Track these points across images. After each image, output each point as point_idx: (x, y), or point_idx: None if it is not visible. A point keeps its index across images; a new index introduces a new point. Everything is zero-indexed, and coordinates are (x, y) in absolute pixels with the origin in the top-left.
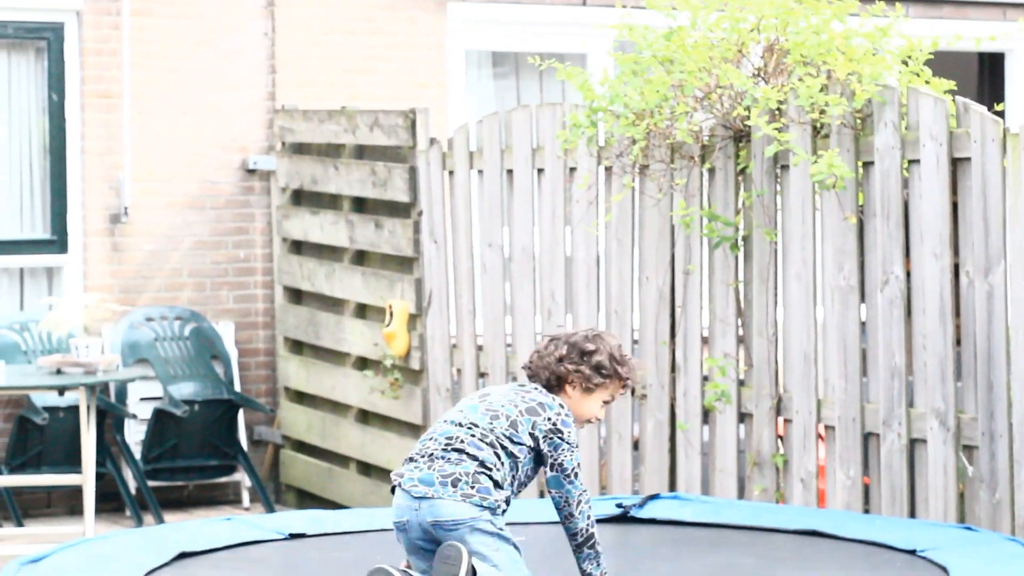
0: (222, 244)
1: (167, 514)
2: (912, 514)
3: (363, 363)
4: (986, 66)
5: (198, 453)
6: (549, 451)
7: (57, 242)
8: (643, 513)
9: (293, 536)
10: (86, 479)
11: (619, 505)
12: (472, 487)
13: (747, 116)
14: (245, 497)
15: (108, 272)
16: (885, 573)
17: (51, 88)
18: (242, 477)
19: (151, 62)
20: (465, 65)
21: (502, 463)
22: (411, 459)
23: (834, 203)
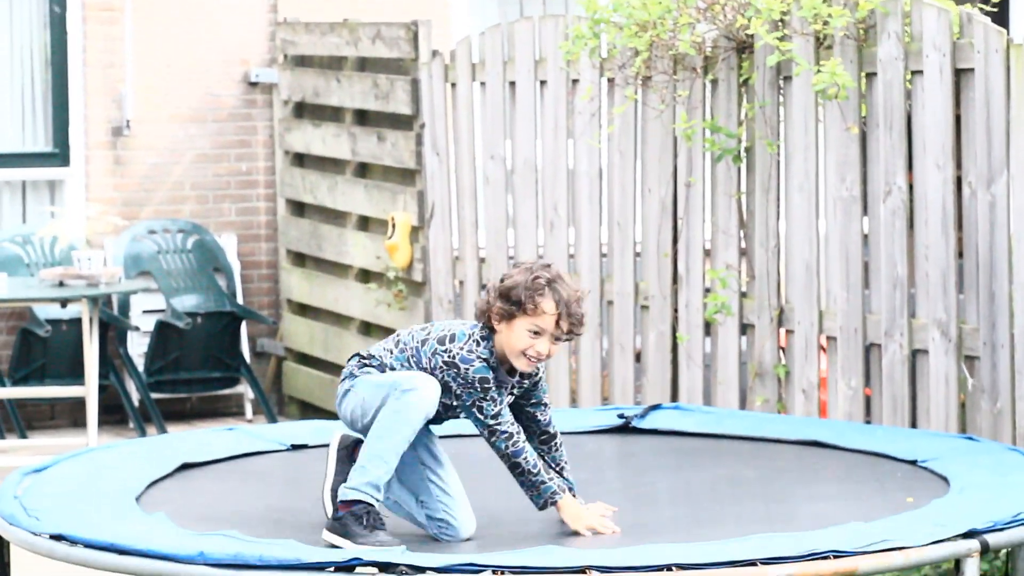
0: (224, 157)
1: (170, 426)
2: (913, 425)
3: (365, 275)
4: None
5: (201, 365)
6: (450, 383)
7: (59, 155)
8: (645, 423)
9: (295, 447)
10: (89, 391)
11: (621, 415)
12: (358, 368)
13: (749, 27)
14: (248, 409)
15: (110, 185)
16: (887, 483)
17: (52, 1)
18: (245, 389)
19: None
20: None
21: (404, 367)
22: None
23: (837, 114)
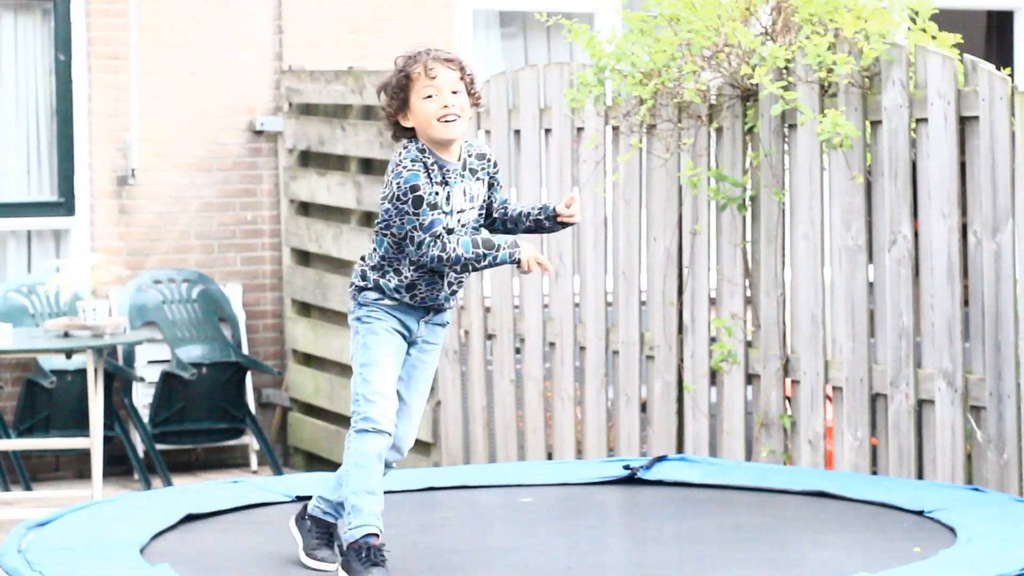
0: (229, 206)
1: (175, 477)
2: (920, 475)
3: None
4: (994, 25)
5: (206, 416)
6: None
7: (64, 204)
8: (651, 475)
9: (300, 498)
10: (94, 443)
11: (627, 467)
12: (351, 285)
13: (754, 75)
14: (253, 460)
15: (115, 234)
16: (893, 534)
17: (58, 49)
18: (250, 440)
19: (158, 22)
20: (473, 25)
21: (375, 249)
22: None
23: (842, 162)
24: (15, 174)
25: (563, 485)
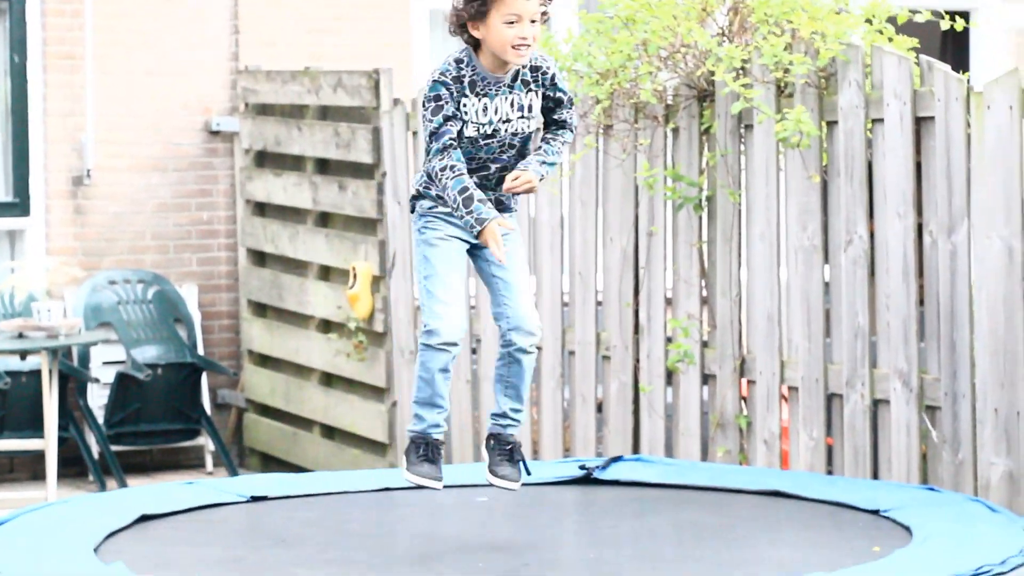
0: (185, 206)
1: (130, 479)
2: (875, 475)
3: (327, 326)
4: (950, 30)
5: (161, 417)
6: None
7: (19, 205)
8: (606, 475)
9: (255, 499)
10: (48, 444)
11: (582, 467)
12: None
13: (712, 75)
14: (208, 461)
15: (71, 235)
16: (848, 533)
17: (12, 50)
18: (205, 441)
19: (113, 23)
20: (430, 25)
21: (425, 157)
22: None
23: (798, 163)
24: None
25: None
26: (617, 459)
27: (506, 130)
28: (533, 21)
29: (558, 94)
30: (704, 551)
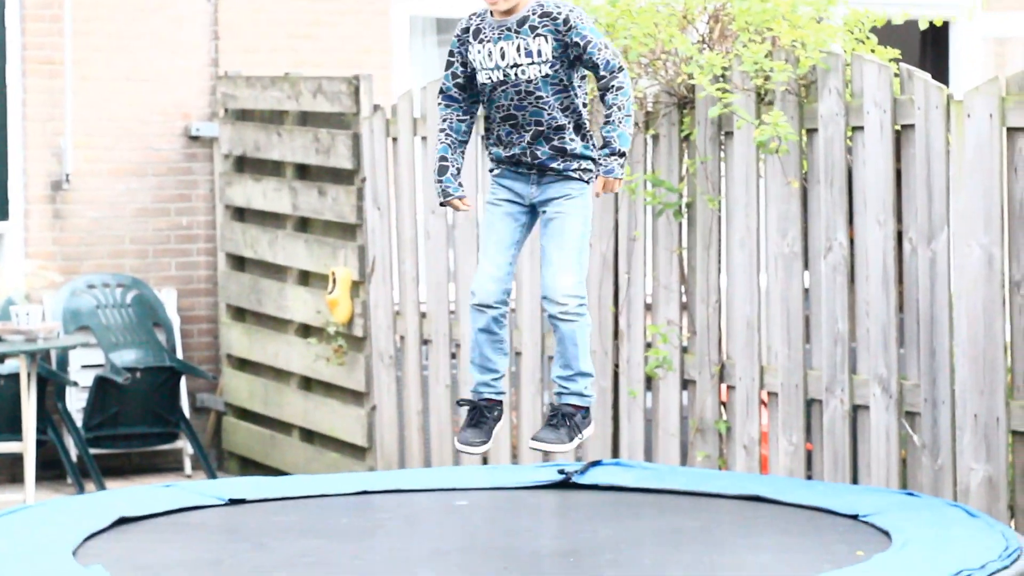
0: (165, 211)
1: (109, 482)
2: (855, 480)
3: (306, 330)
4: (929, 35)
5: (140, 420)
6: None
7: None
8: (585, 479)
9: (233, 502)
10: (27, 447)
11: (561, 471)
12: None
13: (691, 78)
14: (187, 464)
15: (50, 239)
16: (828, 538)
17: None
18: (184, 444)
19: (93, 28)
20: (410, 31)
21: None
22: None
23: (778, 169)
24: None
25: (498, 489)
26: (596, 463)
27: (516, 75)
28: None
29: (576, 39)
30: (683, 556)
